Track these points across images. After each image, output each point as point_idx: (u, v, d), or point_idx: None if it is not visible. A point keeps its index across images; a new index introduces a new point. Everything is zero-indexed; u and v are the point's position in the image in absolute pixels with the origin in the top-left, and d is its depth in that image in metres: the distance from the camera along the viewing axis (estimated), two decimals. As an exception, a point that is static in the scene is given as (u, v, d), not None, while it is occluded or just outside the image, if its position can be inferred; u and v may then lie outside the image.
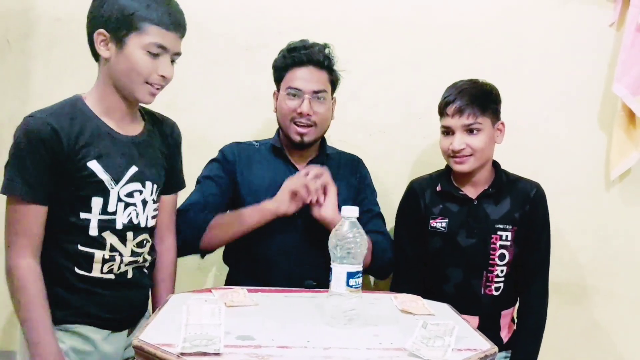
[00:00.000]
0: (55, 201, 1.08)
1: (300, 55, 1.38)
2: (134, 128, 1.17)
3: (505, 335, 1.44)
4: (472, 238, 1.40)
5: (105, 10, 1.07)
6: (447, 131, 1.40)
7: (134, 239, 1.16)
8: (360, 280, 1.01)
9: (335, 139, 1.63)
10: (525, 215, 1.40)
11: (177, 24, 1.10)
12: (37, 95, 1.70)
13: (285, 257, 1.37)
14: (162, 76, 1.11)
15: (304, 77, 1.37)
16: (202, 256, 1.40)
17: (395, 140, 1.72)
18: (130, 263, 1.17)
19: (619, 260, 1.74)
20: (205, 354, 0.83)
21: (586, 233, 1.74)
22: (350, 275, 0.99)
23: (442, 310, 1.17)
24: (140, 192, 1.15)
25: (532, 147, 1.72)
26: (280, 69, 1.42)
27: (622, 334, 1.76)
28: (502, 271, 1.40)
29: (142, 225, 1.17)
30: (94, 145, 1.09)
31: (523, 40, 1.72)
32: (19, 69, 1.68)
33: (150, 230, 1.21)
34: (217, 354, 0.83)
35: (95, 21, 1.09)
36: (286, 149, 1.45)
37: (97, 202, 1.10)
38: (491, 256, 1.39)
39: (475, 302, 1.39)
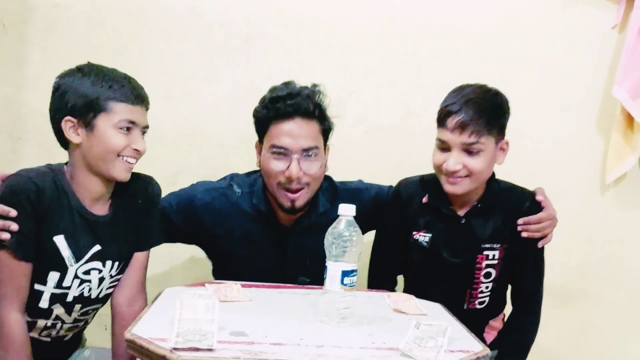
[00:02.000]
0: None
1: (285, 106, 1.20)
2: (103, 207, 1.16)
3: (489, 339, 1.38)
4: (457, 258, 1.28)
5: (69, 99, 1.07)
6: (444, 146, 1.21)
7: (80, 310, 1.17)
8: (355, 278, 1.01)
9: (334, 138, 1.62)
10: (516, 230, 1.27)
11: (141, 98, 1.11)
12: (33, 81, 1.68)
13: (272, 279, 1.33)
14: (136, 150, 1.11)
15: (291, 133, 1.20)
16: None
17: (394, 139, 1.71)
18: (70, 329, 1.19)
19: (611, 264, 1.75)
20: (198, 349, 0.83)
21: (579, 236, 1.75)
22: (346, 273, 0.99)
23: (435, 311, 1.17)
24: (100, 270, 1.15)
25: (530, 148, 1.71)
26: (262, 122, 1.24)
27: (611, 337, 1.78)
28: (487, 287, 1.30)
29: (94, 297, 1.17)
30: (64, 219, 1.09)
31: (523, 41, 1.71)
32: (15, 54, 1.66)
33: (103, 299, 1.21)
34: (210, 350, 0.83)
35: (59, 112, 1.09)
36: (273, 211, 1.30)
37: (53, 277, 1.10)
38: (476, 275, 1.28)
39: (458, 316, 1.24)
